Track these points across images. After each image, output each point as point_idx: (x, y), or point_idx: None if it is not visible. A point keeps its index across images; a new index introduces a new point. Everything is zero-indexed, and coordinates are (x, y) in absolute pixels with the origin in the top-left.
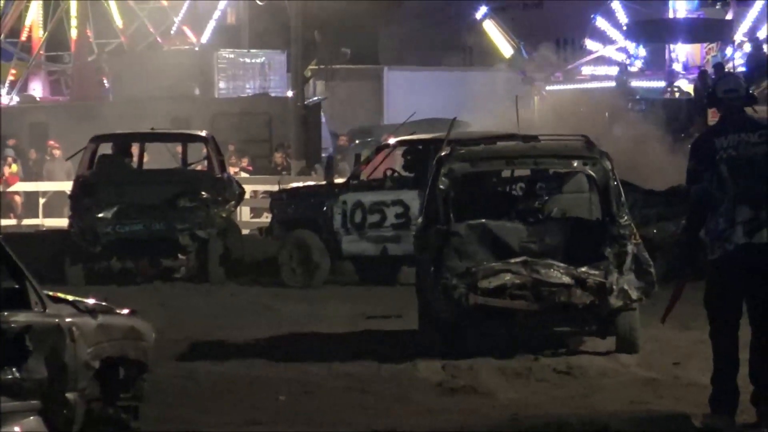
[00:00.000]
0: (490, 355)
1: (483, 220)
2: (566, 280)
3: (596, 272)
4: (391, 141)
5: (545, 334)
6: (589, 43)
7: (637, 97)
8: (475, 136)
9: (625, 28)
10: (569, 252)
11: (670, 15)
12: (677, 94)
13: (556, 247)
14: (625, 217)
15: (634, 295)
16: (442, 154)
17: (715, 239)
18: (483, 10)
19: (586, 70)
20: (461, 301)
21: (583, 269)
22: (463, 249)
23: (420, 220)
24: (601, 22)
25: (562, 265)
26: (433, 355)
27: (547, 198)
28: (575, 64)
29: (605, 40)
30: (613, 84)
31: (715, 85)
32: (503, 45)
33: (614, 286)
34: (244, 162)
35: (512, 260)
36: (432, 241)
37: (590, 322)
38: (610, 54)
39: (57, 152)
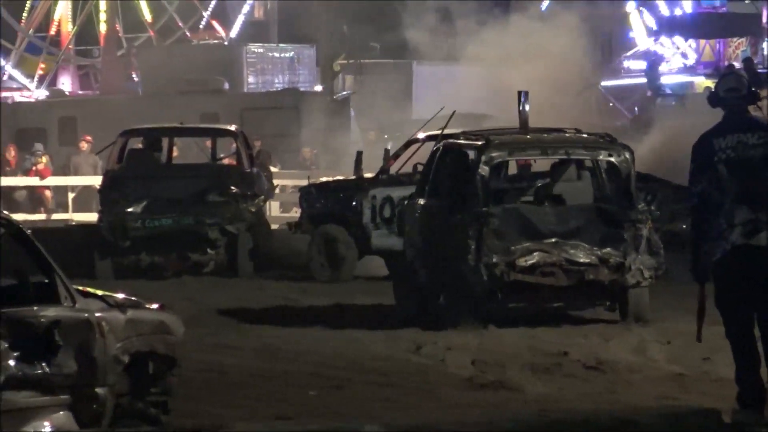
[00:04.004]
0: (519, 351)
1: (516, 204)
2: (592, 259)
3: (617, 253)
4: (420, 135)
5: (574, 325)
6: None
7: (668, 92)
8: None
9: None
10: (590, 234)
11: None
12: None
13: (578, 230)
14: (642, 203)
15: (647, 273)
16: (480, 143)
17: (716, 240)
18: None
19: (631, 65)
20: (503, 277)
21: (606, 250)
22: (500, 230)
23: (420, 200)
24: (646, 16)
25: (587, 245)
26: (463, 349)
27: (540, 185)
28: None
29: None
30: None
31: (716, 84)
32: None
33: (632, 266)
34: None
35: (545, 241)
36: (469, 221)
37: (606, 298)
38: (655, 48)
39: (84, 145)
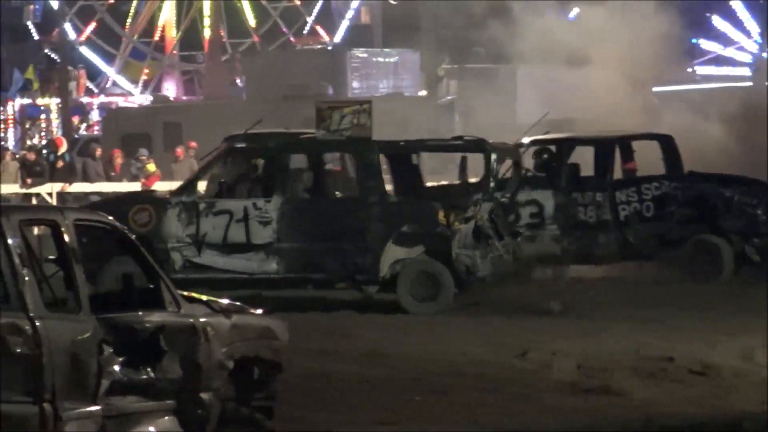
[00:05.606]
0: (624, 356)
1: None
2: None
3: None
4: (525, 140)
5: (678, 329)
6: (704, 43)
7: None
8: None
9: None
10: None
11: None
12: None
13: None
14: None
15: None
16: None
17: None
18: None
19: (702, 71)
20: (513, 265)
21: None
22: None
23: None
24: (719, 22)
25: None
26: (568, 354)
27: None
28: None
29: (726, 41)
30: (742, 84)
31: None
32: None
33: None
34: None
35: None
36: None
37: None
38: (731, 55)
39: (180, 153)
